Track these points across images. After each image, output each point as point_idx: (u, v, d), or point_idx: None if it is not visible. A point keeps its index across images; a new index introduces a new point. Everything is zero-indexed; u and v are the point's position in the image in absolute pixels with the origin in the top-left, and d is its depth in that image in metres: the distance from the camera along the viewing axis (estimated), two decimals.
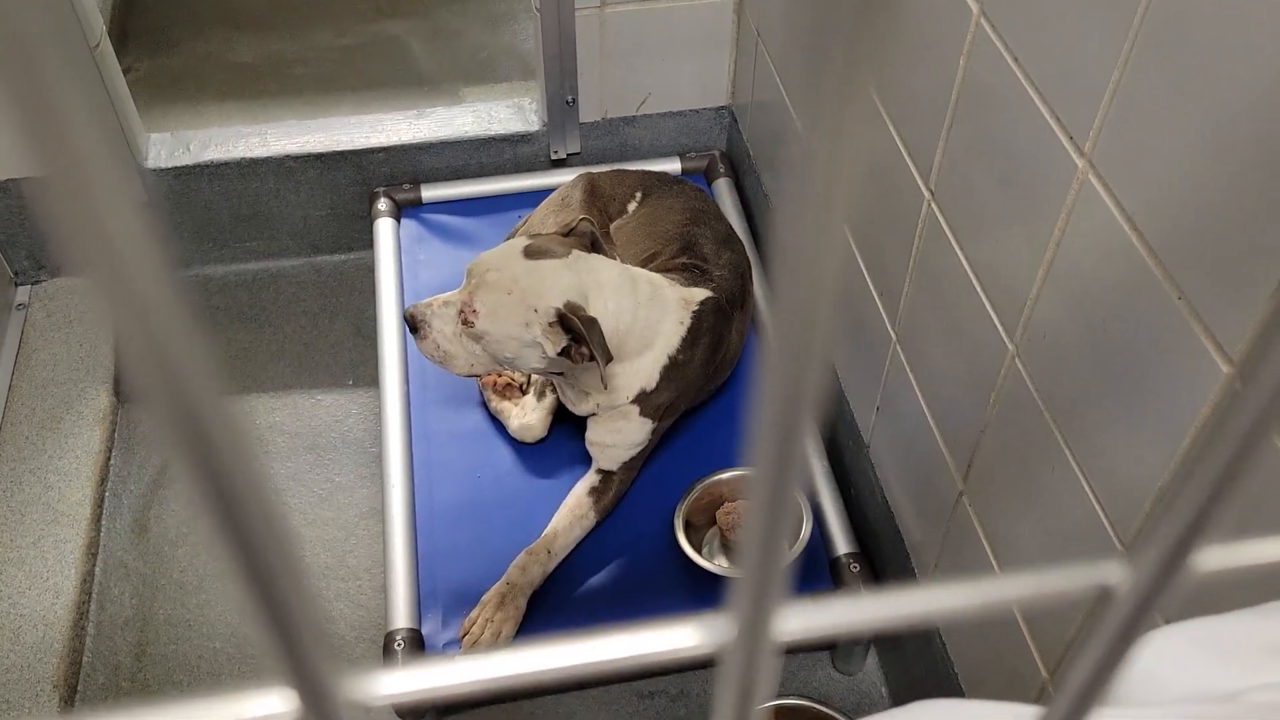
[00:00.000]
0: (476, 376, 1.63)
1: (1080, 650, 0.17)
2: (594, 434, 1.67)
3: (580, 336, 1.46)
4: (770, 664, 0.17)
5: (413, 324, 1.56)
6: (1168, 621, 0.95)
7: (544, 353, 1.50)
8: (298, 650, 0.14)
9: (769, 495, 0.16)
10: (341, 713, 0.15)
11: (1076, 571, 0.17)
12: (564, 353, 1.49)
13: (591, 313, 1.49)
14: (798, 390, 0.15)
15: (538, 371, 1.59)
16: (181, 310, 0.14)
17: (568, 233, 1.60)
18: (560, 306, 1.47)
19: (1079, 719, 0.19)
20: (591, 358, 1.47)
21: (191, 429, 0.13)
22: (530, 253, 1.52)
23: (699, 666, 1.69)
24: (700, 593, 1.60)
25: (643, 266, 1.70)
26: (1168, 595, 0.17)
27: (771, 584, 0.17)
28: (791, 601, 0.17)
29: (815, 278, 0.14)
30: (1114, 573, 0.16)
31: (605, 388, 1.54)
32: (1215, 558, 0.17)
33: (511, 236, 1.86)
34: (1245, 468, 0.15)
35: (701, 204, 1.92)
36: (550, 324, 1.48)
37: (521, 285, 1.48)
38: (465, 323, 1.51)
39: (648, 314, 1.57)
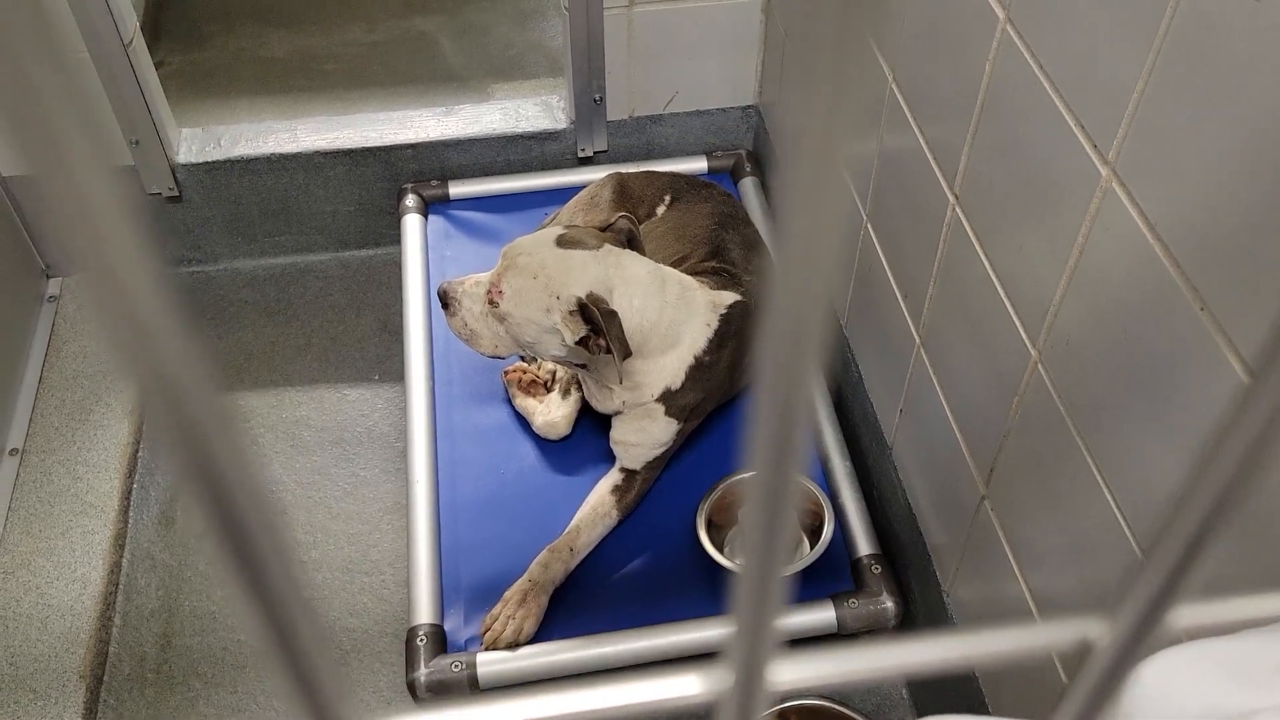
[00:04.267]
0: (500, 358, 1.65)
1: (1063, 700, 0.18)
2: (618, 433, 1.67)
3: (599, 328, 1.48)
4: (764, 709, 0.18)
5: (444, 300, 1.61)
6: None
7: (563, 340, 1.51)
8: (312, 690, 0.15)
9: (770, 479, 0.16)
10: None
11: (1060, 627, 0.17)
12: (582, 342, 1.50)
13: (615, 307, 1.50)
14: (802, 325, 0.15)
15: (558, 360, 1.61)
16: (175, 315, 0.14)
17: (605, 228, 1.61)
18: (582, 296, 1.49)
19: None
20: (609, 350, 1.48)
21: (189, 440, 0.14)
22: (562, 242, 1.54)
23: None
24: (722, 592, 1.61)
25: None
26: (1144, 650, 0.17)
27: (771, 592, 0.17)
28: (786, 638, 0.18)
29: (818, 218, 0.14)
30: (1094, 628, 0.17)
31: (621, 382, 1.55)
32: (1190, 614, 0.17)
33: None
34: (1218, 531, 0.16)
35: (730, 209, 1.92)
36: (570, 312, 1.50)
37: (548, 271, 1.51)
38: (491, 303, 1.54)
39: (674, 314, 1.58)
